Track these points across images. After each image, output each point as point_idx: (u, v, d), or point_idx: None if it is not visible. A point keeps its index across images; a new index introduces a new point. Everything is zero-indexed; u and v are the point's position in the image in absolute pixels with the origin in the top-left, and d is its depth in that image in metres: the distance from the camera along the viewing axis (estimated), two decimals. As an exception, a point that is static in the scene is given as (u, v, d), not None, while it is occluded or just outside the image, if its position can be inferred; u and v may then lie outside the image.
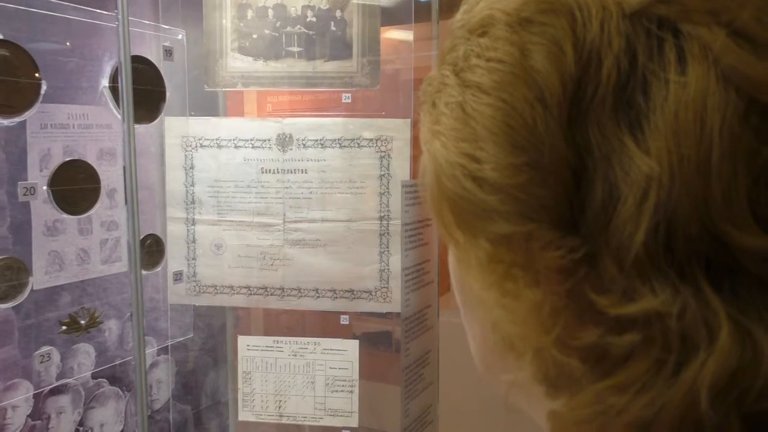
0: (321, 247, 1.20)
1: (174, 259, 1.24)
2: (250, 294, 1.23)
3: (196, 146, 1.23)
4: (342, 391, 1.22)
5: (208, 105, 1.29)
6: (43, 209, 1.04)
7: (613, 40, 0.26)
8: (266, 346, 1.24)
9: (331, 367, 1.22)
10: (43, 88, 1.01)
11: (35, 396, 1.04)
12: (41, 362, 1.04)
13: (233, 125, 1.23)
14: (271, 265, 1.22)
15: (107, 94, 1.14)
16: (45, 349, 1.05)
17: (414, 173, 1.18)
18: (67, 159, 1.07)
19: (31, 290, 1.02)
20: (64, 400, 1.08)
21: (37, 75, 1.00)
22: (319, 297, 1.21)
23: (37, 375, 1.04)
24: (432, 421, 1.25)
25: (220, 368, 1.38)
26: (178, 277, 1.21)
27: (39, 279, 1.04)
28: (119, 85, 0.94)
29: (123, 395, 1.19)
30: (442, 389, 1.25)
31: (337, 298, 1.21)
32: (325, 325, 1.28)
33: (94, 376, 1.13)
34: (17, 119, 0.99)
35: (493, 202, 0.28)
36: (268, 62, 1.20)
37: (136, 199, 0.91)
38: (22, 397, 1.02)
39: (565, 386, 0.28)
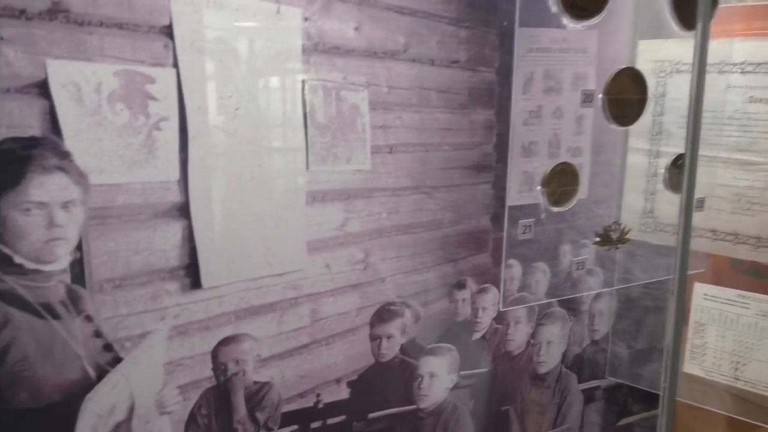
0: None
1: (631, 193, 1.18)
2: (715, 239, 1.11)
3: (671, 71, 1.12)
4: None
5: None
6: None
7: None
8: (727, 299, 1.11)
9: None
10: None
11: (503, 302, 1.13)
12: (509, 274, 1.11)
13: (720, 48, 1.08)
14: (748, 209, 1.07)
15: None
16: (510, 261, 1.12)
17: None
18: (621, 67, 1.02)
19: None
20: (521, 311, 1.15)
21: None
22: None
23: (504, 283, 1.12)
24: None
25: (661, 313, 1.30)
26: (700, 203, 1.13)
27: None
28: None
29: (569, 319, 1.22)
30: None
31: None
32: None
33: (546, 295, 1.18)
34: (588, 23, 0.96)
35: None
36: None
37: (698, 123, 0.84)
38: (490, 302, 1.12)
39: None
